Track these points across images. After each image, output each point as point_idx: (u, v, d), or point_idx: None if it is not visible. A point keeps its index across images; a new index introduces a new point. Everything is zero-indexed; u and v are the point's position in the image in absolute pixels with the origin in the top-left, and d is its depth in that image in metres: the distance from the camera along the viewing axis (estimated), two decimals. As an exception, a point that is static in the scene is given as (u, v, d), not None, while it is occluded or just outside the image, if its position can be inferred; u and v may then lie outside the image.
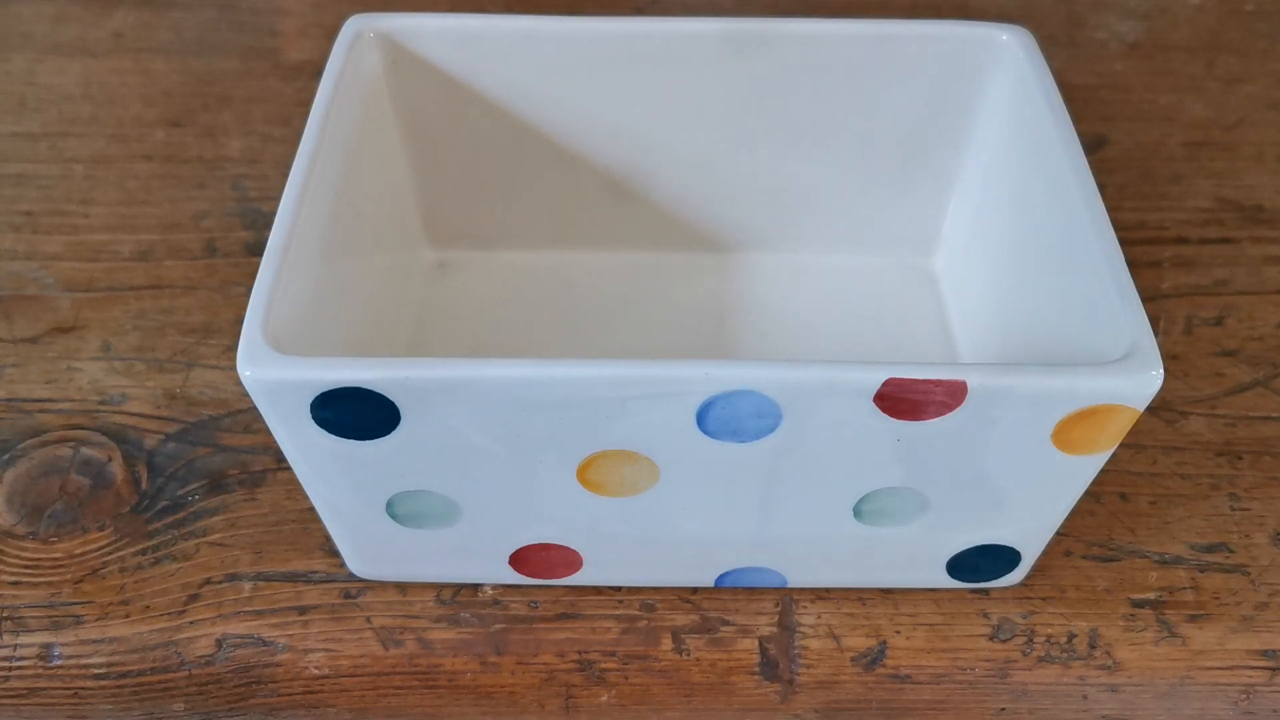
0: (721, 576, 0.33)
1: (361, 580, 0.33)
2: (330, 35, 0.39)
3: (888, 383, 0.26)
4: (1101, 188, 0.31)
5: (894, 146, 0.38)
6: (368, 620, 0.33)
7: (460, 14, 0.36)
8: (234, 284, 0.41)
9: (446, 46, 0.36)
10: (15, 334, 0.39)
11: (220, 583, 0.33)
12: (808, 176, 0.38)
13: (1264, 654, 0.32)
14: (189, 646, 0.32)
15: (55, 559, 0.34)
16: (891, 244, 0.40)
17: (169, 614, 0.33)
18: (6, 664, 0.32)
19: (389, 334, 0.37)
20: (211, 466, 0.36)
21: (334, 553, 0.34)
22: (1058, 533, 0.33)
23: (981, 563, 0.32)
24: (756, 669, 0.32)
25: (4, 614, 0.33)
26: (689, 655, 0.32)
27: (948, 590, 0.33)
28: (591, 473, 0.29)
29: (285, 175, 0.30)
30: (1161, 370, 0.26)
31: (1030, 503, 0.30)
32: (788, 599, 0.33)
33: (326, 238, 0.31)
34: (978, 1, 0.54)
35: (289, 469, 0.35)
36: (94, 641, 0.32)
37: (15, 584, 0.33)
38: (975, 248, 0.37)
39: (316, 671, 0.32)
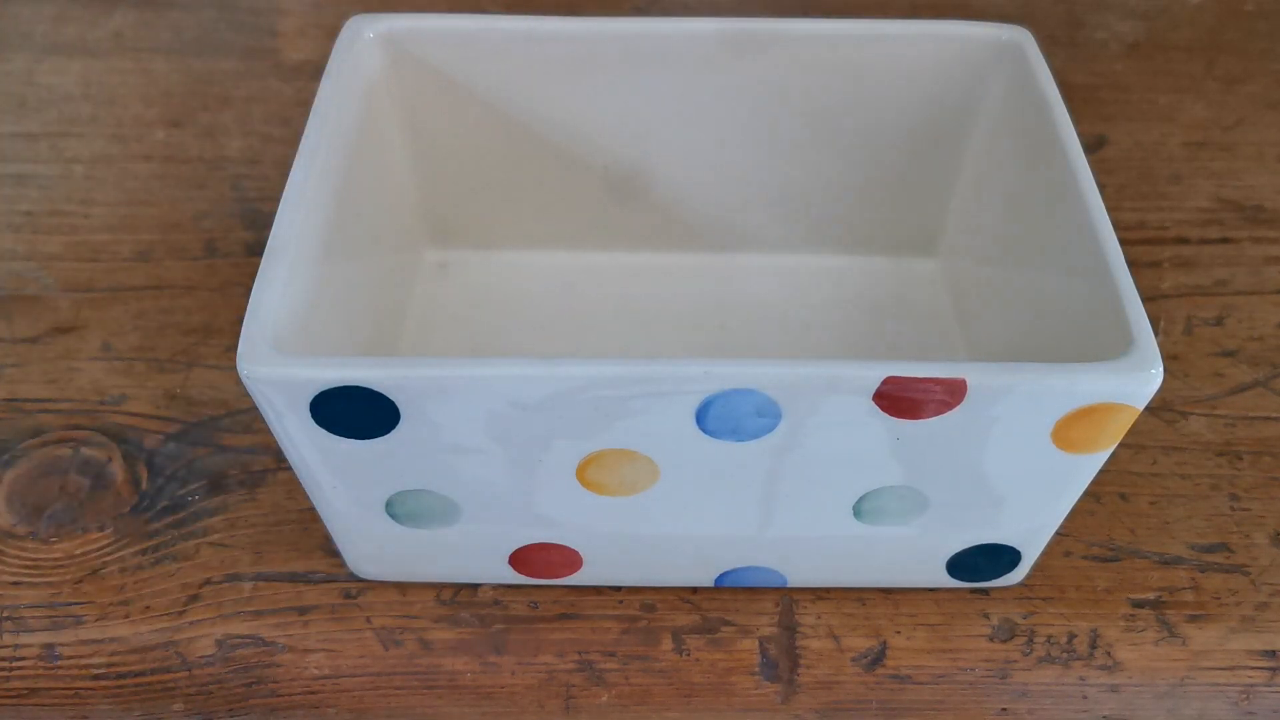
0: (721, 576, 0.33)
1: (361, 580, 0.33)
2: (330, 35, 0.39)
3: (887, 381, 0.26)
4: (1101, 188, 0.31)
5: (894, 146, 0.38)
6: (368, 620, 0.33)
7: (460, 14, 0.36)
8: (234, 284, 0.41)
9: (446, 46, 0.36)
10: (15, 334, 0.39)
11: (220, 583, 0.33)
12: (808, 176, 0.38)
13: (1264, 654, 0.32)
14: (189, 646, 0.32)
15: (55, 559, 0.34)
16: (891, 244, 0.40)
17: (169, 614, 0.33)
18: (7, 664, 0.32)
19: (389, 334, 0.37)
20: (211, 466, 0.36)
21: (334, 553, 0.34)
22: (1058, 533, 0.33)
23: (981, 562, 0.32)
24: (757, 669, 0.32)
25: (4, 614, 0.33)
26: (689, 655, 0.32)
27: (948, 590, 0.33)
28: (591, 472, 0.29)
29: (285, 175, 0.30)
30: (1161, 369, 0.26)
31: (1030, 502, 0.30)
32: (788, 599, 0.33)
33: (326, 238, 0.31)
34: (978, 1, 0.54)
35: (289, 469, 0.35)
36: (94, 641, 0.32)
37: (15, 584, 0.33)
38: (975, 248, 0.37)
39: (317, 672, 0.32)
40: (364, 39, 0.35)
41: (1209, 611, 0.33)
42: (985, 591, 0.33)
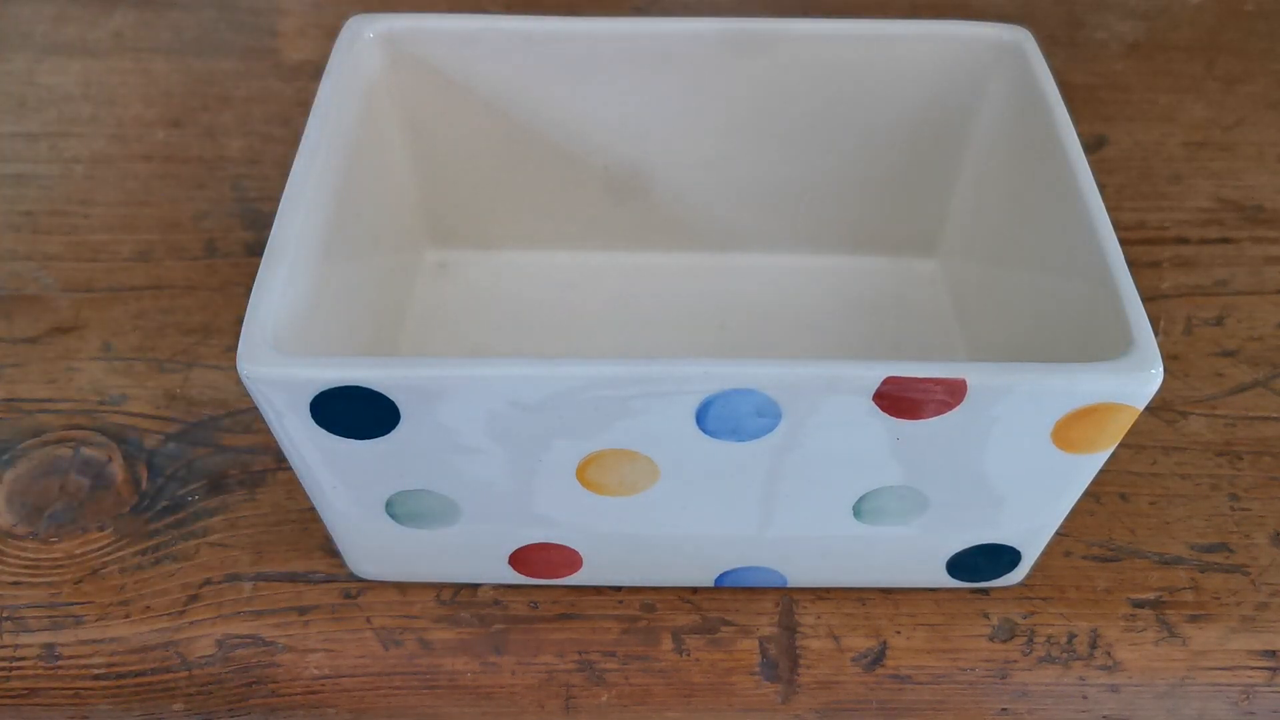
0: (721, 576, 0.33)
1: (361, 580, 0.33)
2: (330, 35, 0.39)
3: (887, 381, 0.26)
4: (1101, 188, 0.31)
5: (894, 146, 0.38)
6: (368, 620, 0.33)
7: (460, 14, 0.36)
8: (234, 284, 0.41)
9: (446, 47, 0.36)
10: (15, 334, 0.39)
11: (220, 583, 0.33)
12: (808, 176, 0.38)
13: (1264, 654, 0.32)
14: (189, 646, 0.32)
15: (55, 559, 0.34)
16: (891, 244, 0.40)
17: (169, 614, 0.33)
18: (7, 664, 0.32)
19: (389, 334, 0.37)
20: (211, 466, 0.36)
21: (334, 553, 0.34)
22: (1058, 533, 0.33)
23: (981, 562, 0.32)
24: (757, 669, 0.32)
25: (4, 614, 0.33)
26: (689, 655, 0.32)
27: (948, 590, 0.33)
28: (591, 472, 0.29)
29: (285, 175, 0.30)
30: (1161, 368, 0.26)
31: (1030, 502, 0.30)
32: (788, 599, 0.33)
33: (326, 238, 0.31)
34: (978, 1, 0.54)
35: (289, 469, 0.35)
36: (94, 641, 0.32)
37: (15, 584, 0.33)
38: (975, 248, 0.37)
39: (317, 672, 0.32)
40: (364, 39, 0.35)
41: (1209, 611, 0.33)
42: (985, 591, 0.33)
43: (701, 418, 0.27)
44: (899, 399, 0.26)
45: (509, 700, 0.32)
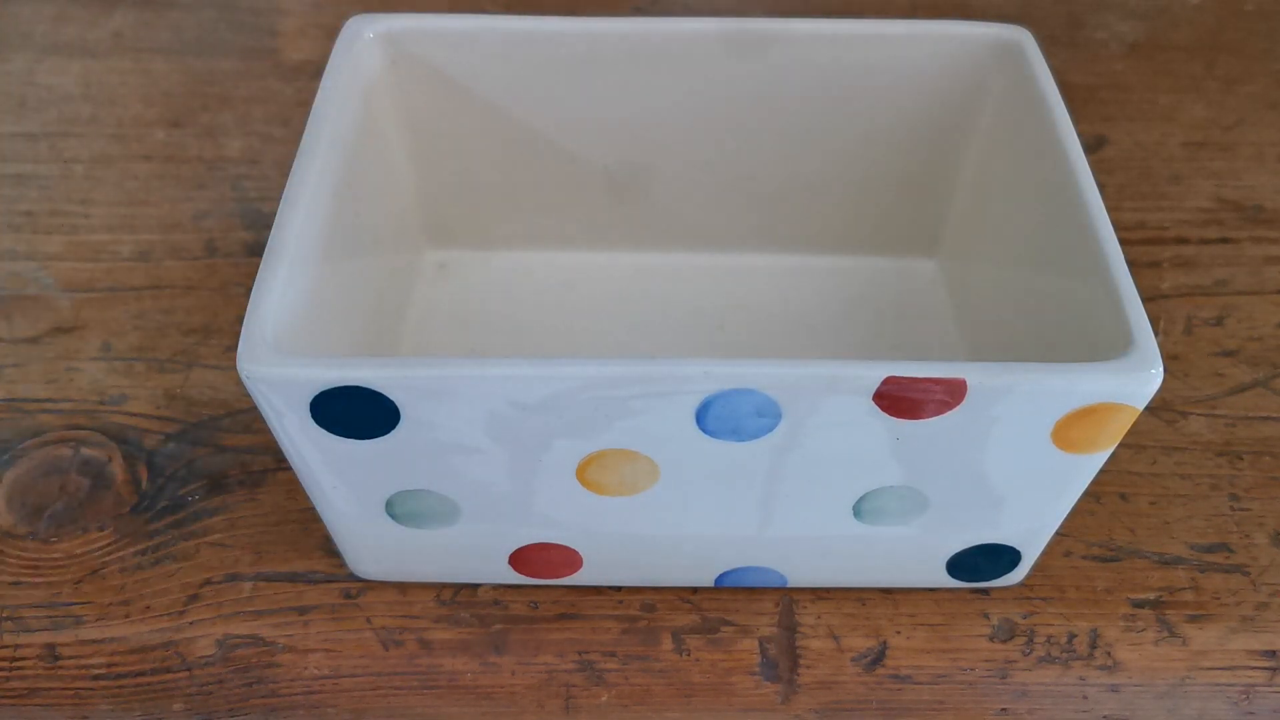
0: (721, 576, 0.33)
1: (361, 580, 0.33)
2: (330, 35, 0.39)
3: (887, 381, 0.26)
4: (1101, 188, 0.31)
5: (894, 146, 0.38)
6: (368, 620, 0.33)
7: (460, 14, 0.36)
8: (234, 284, 0.41)
9: (446, 46, 0.36)
10: (15, 334, 0.39)
11: (220, 583, 0.33)
12: (808, 176, 0.38)
13: (1264, 654, 0.32)
14: (189, 646, 0.32)
15: (55, 559, 0.34)
16: (891, 244, 0.40)
17: (169, 614, 0.33)
18: (7, 664, 0.32)
19: (389, 334, 0.37)
20: (211, 466, 0.36)
21: (334, 553, 0.34)
22: (1058, 533, 0.33)
23: (981, 562, 0.32)
24: (757, 669, 0.32)
25: (4, 614, 0.33)
26: (689, 655, 0.32)
27: (948, 590, 0.33)
28: (591, 472, 0.29)
29: (285, 175, 0.31)
30: (1161, 368, 0.26)
31: (1030, 502, 0.30)
32: (788, 599, 0.33)
33: (326, 238, 0.31)
34: (978, 1, 0.54)
35: (289, 469, 0.35)
36: (94, 641, 0.32)
37: (15, 584, 0.33)
38: (975, 248, 0.37)
39: (317, 671, 0.32)
40: (364, 39, 0.35)
41: (1209, 611, 0.33)
42: (985, 591, 0.33)
43: (701, 418, 0.27)
44: (899, 399, 0.26)
45: (509, 700, 0.32)
